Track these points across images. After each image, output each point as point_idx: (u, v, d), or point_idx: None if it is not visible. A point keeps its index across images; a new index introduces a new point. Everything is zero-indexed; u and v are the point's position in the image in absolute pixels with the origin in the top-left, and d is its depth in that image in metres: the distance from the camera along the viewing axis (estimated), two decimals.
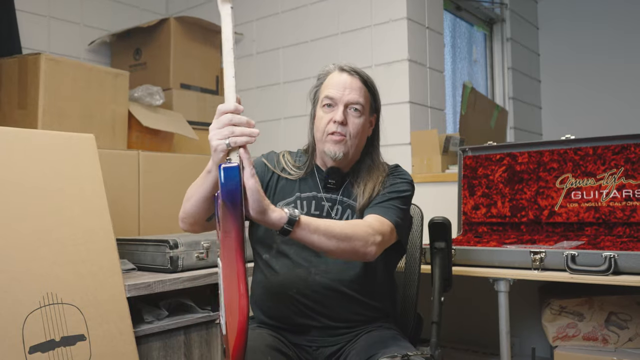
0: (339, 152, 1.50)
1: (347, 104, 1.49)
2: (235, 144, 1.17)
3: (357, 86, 1.51)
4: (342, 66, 1.54)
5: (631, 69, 4.07)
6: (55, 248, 1.65)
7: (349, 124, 1.49)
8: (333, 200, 1.55)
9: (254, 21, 3.35)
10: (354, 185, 1.56)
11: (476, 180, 2.32)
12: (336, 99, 1.50)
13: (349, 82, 1.50)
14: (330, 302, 1.46)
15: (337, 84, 1.51)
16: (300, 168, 1.59)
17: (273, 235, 1.53)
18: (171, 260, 2.01)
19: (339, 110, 1.49)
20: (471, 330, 2.56)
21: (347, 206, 1.55)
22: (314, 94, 1.59)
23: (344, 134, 1.49)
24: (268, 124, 3.27)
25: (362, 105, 1.50)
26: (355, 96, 1.50)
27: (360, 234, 1.33)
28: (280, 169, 1.60)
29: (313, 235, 1.27)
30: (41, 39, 2.99)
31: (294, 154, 1.67)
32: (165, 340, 1.95)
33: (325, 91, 1.53)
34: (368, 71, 1.59)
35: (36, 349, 1.52)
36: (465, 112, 2.82)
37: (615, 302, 1.99)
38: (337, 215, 1.54)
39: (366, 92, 1.53)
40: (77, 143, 1.81)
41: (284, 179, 1.58)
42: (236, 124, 1.18)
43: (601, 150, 2.10)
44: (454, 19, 3.72)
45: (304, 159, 1.61)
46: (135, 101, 2.73)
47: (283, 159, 1.62)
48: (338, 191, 1.56)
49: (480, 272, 1.88)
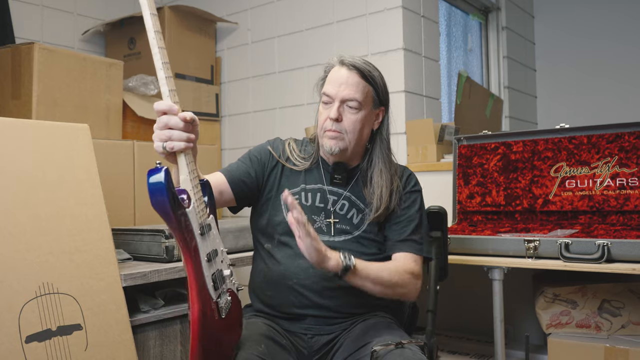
0: (335, 147, 1.50)
1: (343, 101, 1.49)
2: (172, 149, 1.16)
3: (354, 81, 1.49)
4: (342, 59, 1.52)
5: (626, 59, 4.07)
6: (51, 238, 1.65)
7: (344, 120, 1.49)
8: (339, 194, 1.56)
9: (248, 10, 3.33)
10: (365, 186, 1.56)
11: (471, 169, 2.33)
12: (332, 95, 1.49)
13: (345, 78, 1.49)
14: (330, 293, 1.47)
15: (334, 80, 1.50)
16: (305, 159, 1.59)
17: (275, 225, 1.53)
18: (167, 249, 2.01)
19: (334, 107, 1.49)
20: (466, 318, 2.58)
21: (353, 205, 1.55)
22: (320, 87, 1.58)
23: (339, 130, 1.49)
24: (263, 113, 3.26)
25: (358, 102, 1.49)
26: (351, 92, 1.48)
27: (404, 283, 1.45)
28: (285, 158, 1.59)
29: (363, 281, 1.37)
30: (34, 28, 2.97)
31: (299, 142, 1.66)
32: (162, 329, 1.96)
33: (325, 87, 1.52)
34: None
35: (32, 339, 1.53)
36: (461, 101, 2.82)
37: (608, 290, 2.00)
38: (342, 211, 1.54)
39: (365, 86, 1.51)
40: (71, 133, 1.81)
41: (288, 169, 1.58)
42: (172, 127, 1.16)
43: (595, 139, 2.11)
44: (449, 8, 3.71)
45: (310, 150, 1.61)
46: (129, 91, 2.72)
47: (288, 147, 1.62)
48: (345, 187, 1.57)
49: (474, 261, 1.89)
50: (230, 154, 3.38)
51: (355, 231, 1.53)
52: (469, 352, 2.42)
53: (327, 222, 1.53)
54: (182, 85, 3.13)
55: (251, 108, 3.33)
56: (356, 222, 1.54)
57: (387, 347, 1.32)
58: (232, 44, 3.41)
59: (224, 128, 3.44)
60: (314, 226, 1.50)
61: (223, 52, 3.45)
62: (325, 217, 1.53)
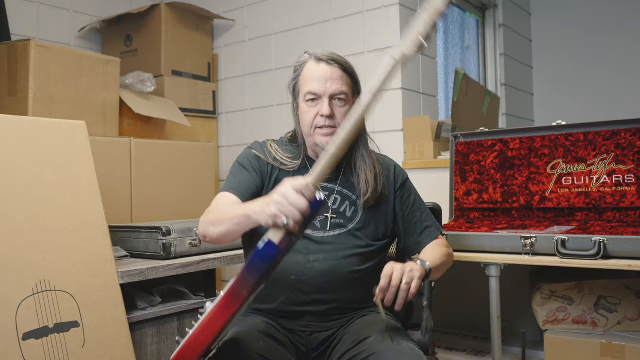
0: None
1: (332, 96, 1.49)
2: (288, 228, 1.17)
3: (338, 75, 1.50)
4: (318, 55, 1.52)
5: (623, 55, 4.08)
6: (48, 235, 1.64)
7: (336, 114, 1.50)
8: (330, 189, 1.56)
9: (245, 7, 3.32)
10: (352, 175, 1.56)
11: (468, 166, 2.33)
12: (319, 92, 1.49)
13: (329, 73, 1.49)
14: (328, 289, 1.47)
15: (317, 78, 1.50)
16: (292, 159, 1.58)
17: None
18: (164, 247, 2.01)
19: (324, 104, 1.48)
20: (462, 315, 2.58)
21: (345, 198, 1.56)
22: (292, 86, 1.58)
23: (333, 125, 1.49)
24: (260, 110, 3.26)
25: (345, 94, 1.50)
26: (339, 86, 1.49)
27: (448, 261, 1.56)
28: (272, 159, 1.58)
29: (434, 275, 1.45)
30: (30, 25, 2.96)
31: (278, 142, 1.64)
32: (159, 326, 1.96)
33: (306, 86, 1.51)
34: (360, 57, 1.58)
35: (30, 336, 1.53)
36: (458, 99, 2.82)
37: (604, 286, 2.01)
38: (335, 205, 1.54)
39: (347, 78, 1.52)
40: (68, 130, 1.81)
41: (277, 170, 1.56)
42: (301, 212, 1.16)
43: (592, 136, 2.11)
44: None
45: (293, 150, 1.60)
46: (126, 88, 2.72)
47: (271, 148, 1.60)
48: (335, 181, 1.57)
49: (471, 257, 1.90)
50: (227, 151, 3.38)
51: (350, 224, 1.53)
52: (466, 349, 2.42)
53: (322, 217, 1.52)
54: (179, 82, 3.12)
55: (248, 105, 3.32)
56: (349, 214, 1.54)
57: (384, 342, 1.33)
58: (229, 41, 3.41)
59: (221, 125, 3.43)
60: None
61: (220, 49, 3.44)
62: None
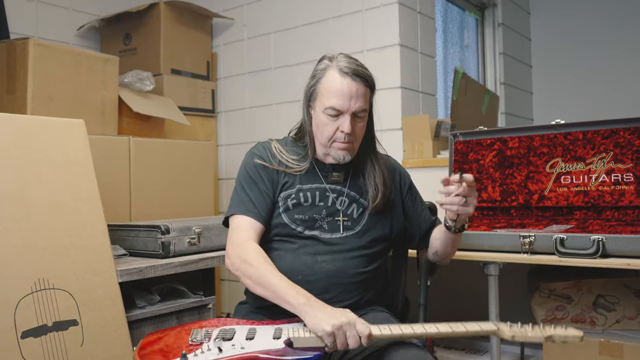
0: (347, 156, 1.51)
1: (354, 113, 1.47)
2: (329, 350, 1.27)
3: (362, 92, 1.46)
4: (342, 68, 1.46)
5: (621, 54, 4.08)
6: (47, 234, 1.64)
7: (355, 130, 1.48)
8: (338, 191, 1.55)
9: (244, 5, 3.32)
10: (361, 178, 1.57)
11: (467, 165, 2.33)
12: (343, 110, 1.45)
13: (354, 91, 1.45)
14: (333, 289, 1.47)
15: (342, 94, 1.44)
16: (298, 161, 1.55)
17: (273, 227, 1.52)
18: (163, 245, 2.01)
19: (346, 121, 1.45)
20: (461, 313, 2.57)
21: (353, 200, 1.55)
22: (310, 92, 1.52)
23: (351, 141, 1.49)
24: (260, 109, 3.26)
25: (366, 111, 1.50)
26: (362, 104, 1.46)
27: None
28: (277, 163, 1.55)
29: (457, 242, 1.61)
30: (29, 24, 2.96)
31: (281, 142, 1.62)
32: (158, 325, 1.96)
33: (328, 98, 1.46)
34: (359, 56, 1.57)
35: (28, 334, 1.53)
36: (457, 98, 2.82)
37: (603, 285, 2.01)
38: (342, 207, 1.54)
39: (368, 92, 1.50)
40: (67, 128, 1.80)
41: (283, 172, 1.55)
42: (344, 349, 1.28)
43: (591, 135, 2.11)
44: (446, 4, 3.71)
45: (299, 151, 1.58)
46: (125, 87, 2.72)
47: (276, 151, 1.57)
48: (344, 183, 1.57)
49: (470, 256, 1.90)
50: (226, 150, 3.38)
51: (357, 226, 1.53)
52: (465, 347, 2.43)
53: (329, 220, 1.52)
54: (178, 80, 3.12)
55: (247, 104, 3.32)
56: (357, 216, 1.54)
57: (388, 340, 1.33)
58: (228, 40, 3.41)
59: (220, 124, 3.43)
60: (315, 224, 1.51)
61: (219, 48, 3.44)
62: (327, 215, 1.52)
